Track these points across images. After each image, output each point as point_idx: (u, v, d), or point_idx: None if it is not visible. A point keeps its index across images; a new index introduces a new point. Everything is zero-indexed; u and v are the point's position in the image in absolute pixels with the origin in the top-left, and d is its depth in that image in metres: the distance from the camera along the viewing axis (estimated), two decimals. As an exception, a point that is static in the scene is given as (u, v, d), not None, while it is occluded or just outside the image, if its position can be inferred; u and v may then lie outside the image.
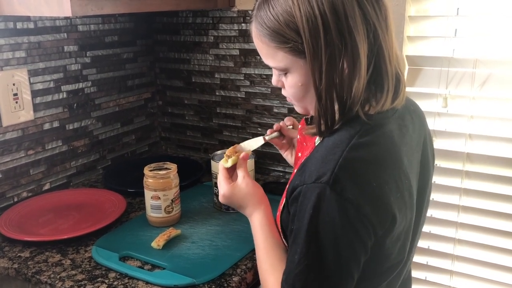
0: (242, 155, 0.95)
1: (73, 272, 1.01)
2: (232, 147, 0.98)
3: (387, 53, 0.76)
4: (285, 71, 0.80)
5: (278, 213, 0.86)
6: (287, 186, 0.88)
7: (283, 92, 0.85)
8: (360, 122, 0.75)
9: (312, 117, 0.87)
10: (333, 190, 0.68)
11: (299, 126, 0.99)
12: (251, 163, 1.26)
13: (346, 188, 0.68)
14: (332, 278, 0.70)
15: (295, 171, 0.80)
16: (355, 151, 0.71)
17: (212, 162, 1.25)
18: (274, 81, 0.85)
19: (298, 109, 0.86)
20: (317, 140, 0.83)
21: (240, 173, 0.93)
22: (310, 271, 0.70)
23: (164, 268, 1.01)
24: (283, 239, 0.85)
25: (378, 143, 0.74)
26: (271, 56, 0.79)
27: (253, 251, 1.04)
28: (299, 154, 0.96)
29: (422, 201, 0.89)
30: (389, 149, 0.76)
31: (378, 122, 0.77)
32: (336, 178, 0.68)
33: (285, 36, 0.74)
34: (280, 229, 0.86)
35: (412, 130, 0.85)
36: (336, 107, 0.76)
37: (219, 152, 1.29)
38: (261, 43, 0.79)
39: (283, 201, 0.83)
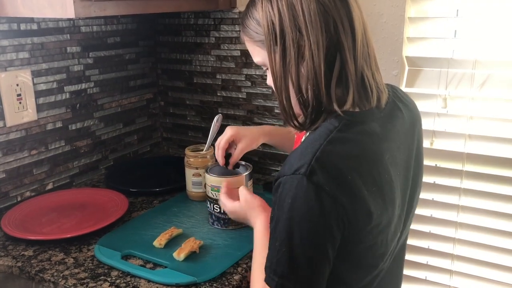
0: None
1: (76, 270, 1.02)
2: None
3: (348, 51, 0.77)
4: (264, 66, 0.87)
5: None
6: None
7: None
8: (340, 119, 0.78)
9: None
10: (309, 181, 0.71)
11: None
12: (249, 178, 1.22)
13: (322, 179, 0.71)
14: (310, 263, 0.74)
15: None
16: (331, 145, 0.75)
17: (206, 175, 1.19)
18: (267, 81, 0.91)
19: None
20: (304, 137, 0.87)
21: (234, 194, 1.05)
22: (289, 256, 0.74)
23: (165, 267, 1.02)
24: None
25: (355, 138, 0.78)
26: (253, 52, 0.88)
27: (251, 252, 1.05)
28: None
29: (413, 195, 0.92)
30: (367, 144, 0.78)
31: (360, 119, 0.80)
32: (313, 170, 0.72)
33: (256, 31, 0.84)
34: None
35: (401, 125, 0.87)
36: (306, 103, 0.80)
37: (212, 164, 1.26)
38: (246, 42, 0.89)
39: None
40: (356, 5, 0.79)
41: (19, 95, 1.28)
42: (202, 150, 1.33)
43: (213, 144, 1.36)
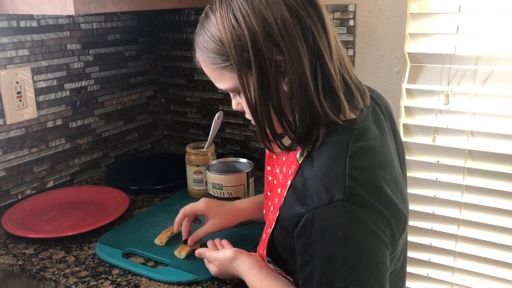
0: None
1: (77, 268, 1.02)
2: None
3: (327, 58, 0.71)
4: (237, 91, 0.76)
5: (266, 236, 0.83)
6: (271, 207, 0.86)
7: (247, 116, 0.79)
8: (345, 129, 0.73)
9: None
10: (353, 204, 0.66)
11: None
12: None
13: (364, 198, 0.67)
14: (383, 283, 0.69)
15: (287, 194, 0.75)
16: (357, 160, 0.69)
17: (208, 173, 1.20)
18: (233, 105, 0.81)
19: None
20: (299, 156, 0.77)
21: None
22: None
23: (167, 265, 1.02)
24: (269, 258, 0.84)
25: (370, 146, 0.73)
26: (220, 79, 0.76)
27: (254, 249, 1.04)
28: (277, 170, 0.91)
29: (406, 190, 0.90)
30: (381, 150, 0.75)
31: (361, 125, 0.75)
32: (351, 191, 0.66)
33: (223, 54, 0.72)
34: (265, 251, 0.83)
35: (382, 119, 0.84)
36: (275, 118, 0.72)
37: (214, 162, 1.27)
38: (208, 69, 0.77)
39: (271, 223, 0.80)
40: (321, 2, 0.73)
41: (19, 92, 1.27)
42: (203, 147, 1.33)
43: (214, 142, 1.35)
